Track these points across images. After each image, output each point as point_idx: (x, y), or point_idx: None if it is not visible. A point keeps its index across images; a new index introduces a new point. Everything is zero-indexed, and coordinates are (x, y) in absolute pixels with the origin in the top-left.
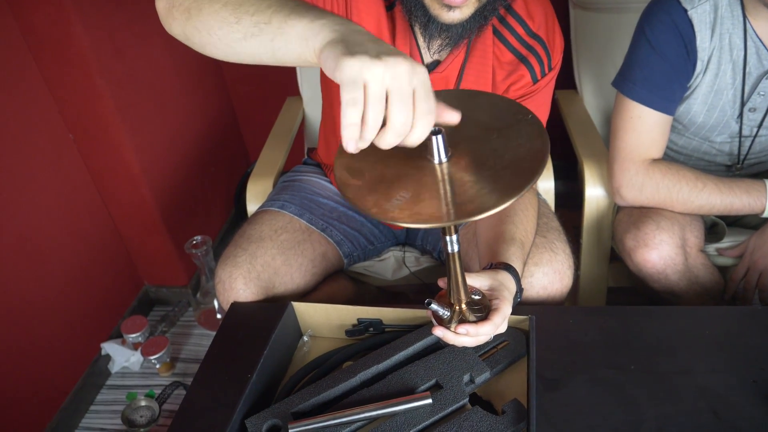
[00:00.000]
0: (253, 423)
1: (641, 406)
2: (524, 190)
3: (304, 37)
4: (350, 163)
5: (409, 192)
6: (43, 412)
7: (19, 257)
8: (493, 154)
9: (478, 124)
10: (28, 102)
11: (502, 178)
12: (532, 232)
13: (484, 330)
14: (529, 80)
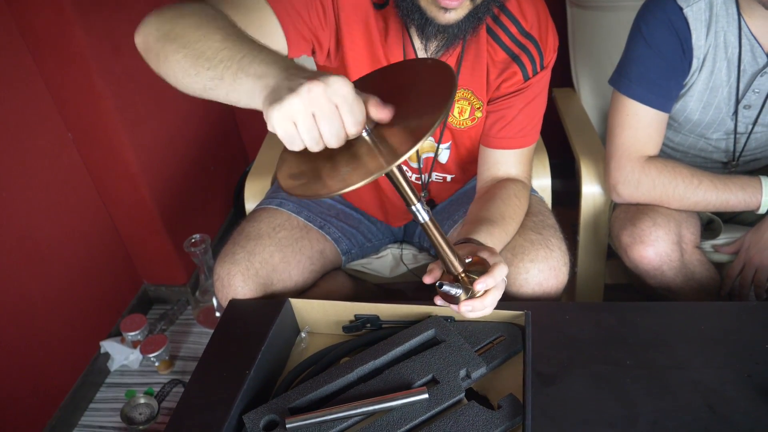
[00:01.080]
0: (250, 419)
1: (637, 400)
2: (447, 106)
3: (251, 95)
4: (290, 170)
5: (350, 165)
6: (43, 410)
7: (18, 256)
8: (410, 102)
9: (396, 86)
10: (28, 101)
11: (422, 110)
12: (510, 216)
13: (489, 293)
14: (521, 78)
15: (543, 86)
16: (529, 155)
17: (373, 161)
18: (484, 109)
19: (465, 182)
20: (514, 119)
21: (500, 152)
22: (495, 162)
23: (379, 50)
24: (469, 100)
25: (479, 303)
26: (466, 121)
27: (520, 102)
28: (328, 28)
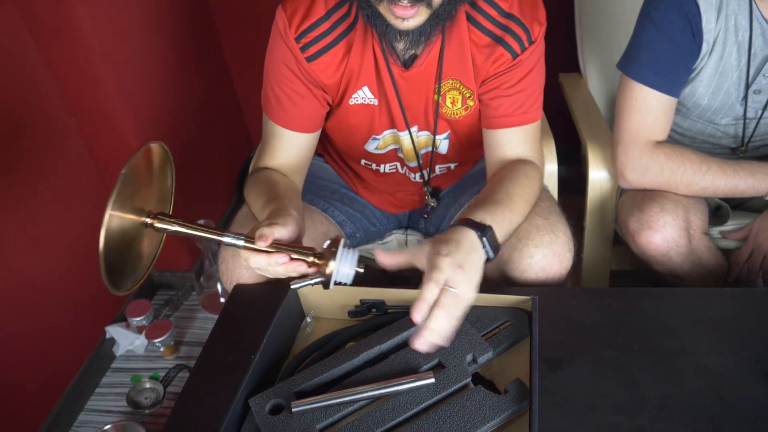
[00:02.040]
0: (256, 402)
1: (643, 385)
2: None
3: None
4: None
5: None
6: (50, 394)
7: (23, 241)
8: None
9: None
10: (30, 86)
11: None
12: (519, 195)
13: (433, 316)
14: (509, 57)
15: (536, 60)
16: (533, 134)
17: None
18: (475, 97)
19: (470, 166)
20: (511, 96)
21: (503, 132)
22: (500, 143)
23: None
24: (459, 90)
25: (427, 333)
26: (460, 111)
27: (513, 78)
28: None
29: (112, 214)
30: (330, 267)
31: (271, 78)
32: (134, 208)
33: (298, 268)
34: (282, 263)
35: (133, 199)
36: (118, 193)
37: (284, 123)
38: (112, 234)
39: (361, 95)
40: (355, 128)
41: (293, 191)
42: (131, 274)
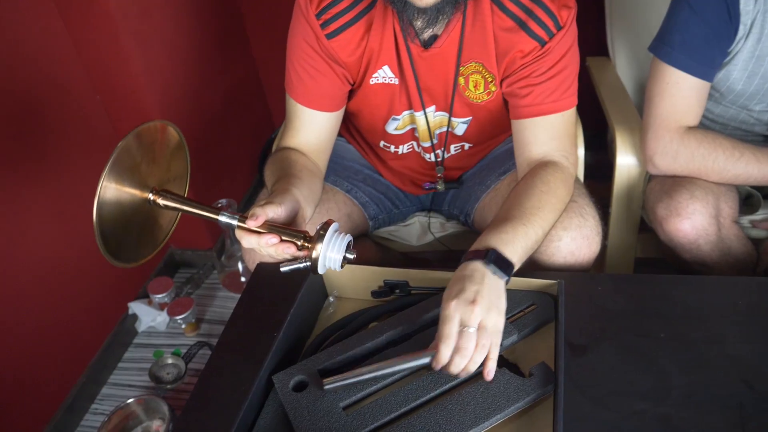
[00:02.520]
0: (279, 379)
1: (670, 373)
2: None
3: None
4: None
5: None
6: (74, 368)
7: (50, 217)
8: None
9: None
10: (56, 62)
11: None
12: (537, 207)
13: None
14: (536, 45)
15: (567, 45)
16: (564, 125)
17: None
18: (498, 82)
19: (485, 151)
20: (542, 84)
21: (530, 123)
22: (525, 140)
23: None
24: (481, 74)
25: (453, 367)
26: (482, 95)
27: (543, 66)
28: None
29: (107, 186)
30: (317, 251)
31: (293, 56)
32: (136, 182)
33: (288, 250)
34: (272, 244)
35: (133, 173)
36: (113, 163)
37: (305, 101)
38: (109, 206)
39: (382, 74)
40: (376, 108)
41: (308, 171)
42: (137, 248)
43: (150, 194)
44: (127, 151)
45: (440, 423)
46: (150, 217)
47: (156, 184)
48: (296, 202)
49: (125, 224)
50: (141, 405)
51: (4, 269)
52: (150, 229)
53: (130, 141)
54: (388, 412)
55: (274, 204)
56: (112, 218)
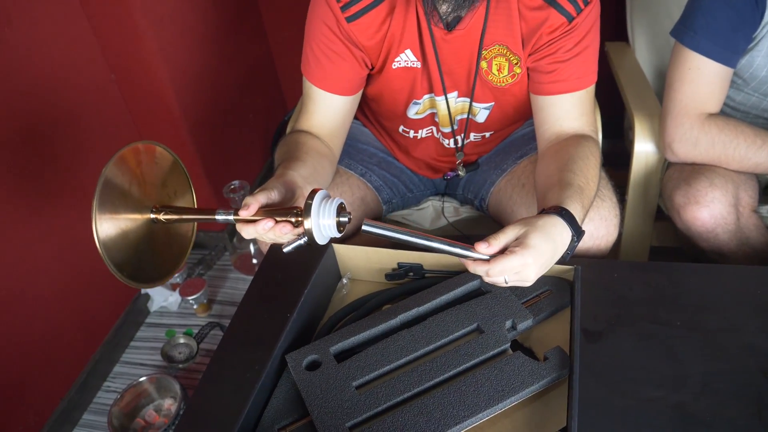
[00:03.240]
0: (293, 358)
1: (687, 361)
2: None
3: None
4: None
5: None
6: (88, 346)
7: (65, 194)
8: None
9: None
10: (72, 41)
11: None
12: (593, 180)
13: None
14: (564, 21)
15: (593, 21)
16: (589, 101)
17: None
18: (523, 64)
19: (504, 136)
20: (568, 61)
21: (558, 99)
22: (555, 114)
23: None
24: (505, 56)
25: (481, 266)
26: (506, 78)
27: (569, 43)
28: (357, 56)
29: (101, 219)
30: (308, 222)
31: (311, 38)
32: (132, 206)
33: (284, 229)
34: (268, 229)
35: (126, 198)
36: (100, 197)
37: (322, 84)
38: (113, 237)
39: (404, 58)
40: (397, 92)
41: (315, 152)
42: (165, 263)
43: (151, 214)
44: (112, 181)
45: (453, 404)
46: (166, 231)
47: (156, 202)
48: (292, 184)
49: (138, 249)
50: (153, 383)
51: (20, 249)
52: (169, 243)
53: (112, 169)
54: (402, 391)
55: (267, 190)
56: (120, 247)
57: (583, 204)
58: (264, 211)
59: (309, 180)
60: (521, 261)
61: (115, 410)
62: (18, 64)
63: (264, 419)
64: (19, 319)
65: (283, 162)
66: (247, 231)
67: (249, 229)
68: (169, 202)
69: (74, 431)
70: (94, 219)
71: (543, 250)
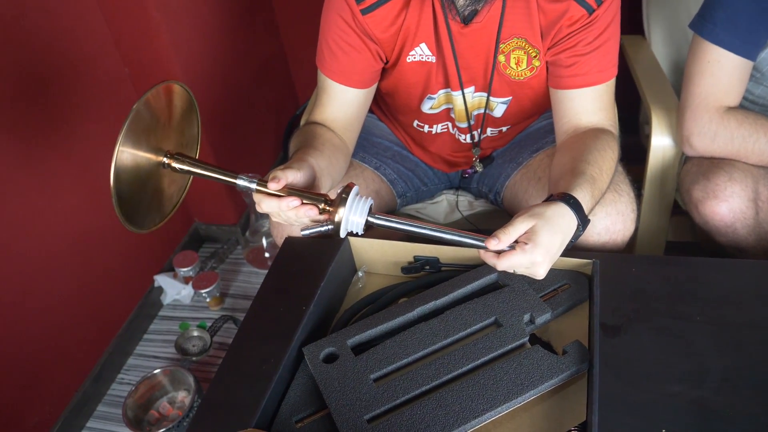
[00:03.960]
0: (310, 350)
1: (706, 356)
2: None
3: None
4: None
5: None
6: (102, 338)
7: (77, 190)
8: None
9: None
10: (86, 34)
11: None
12: (608, 173)
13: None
14: (584, 13)
15: (613, 13)
16: (608, 94)
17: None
18: (542, 57)
19: (520, 129)
20: (588, 55)
21: (577, 93)
22: (574, 108)
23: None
24: (524, 49)
25: (501, 263)
26: (525, 72)
27: (590, 36)
28: (372, 48)
29: (123, 150)
30: (339, 214)
31: (326, 30)
32: (151, 146)
33: (309, 212)
34: (293, 207)
35: (149, 137)
36: (128, 128)
37: (337, 77)
38: (126, 170)
39: (419, 52)
40: (412, 87)
41: (330, 145)
42: (152, 212)
43: (164, 158)
44: (141, 115)
45: (472, 397)
46: (162, 183)
47: (171, 148)
48: (312, 171)
49: (140, 188)
50: (167, 376)
51: (33, 241)
52: (161, 191)
53: (143, 105)
54: (419, 384)
55: (293, 168)
56: (129, 181)
57: (593, 194)
58: (287, 189)
59: (324, 172)
60: (530, 258)
61: (130, 402)
62: (33, 57)
63: (281, 411)
64: (35, 312)
65: (301, 149)
66: (269, 204)
67: (271, 203)
68: (181, 147)
69: (89, 423)
70: (117, 148)
71: (551, 245)
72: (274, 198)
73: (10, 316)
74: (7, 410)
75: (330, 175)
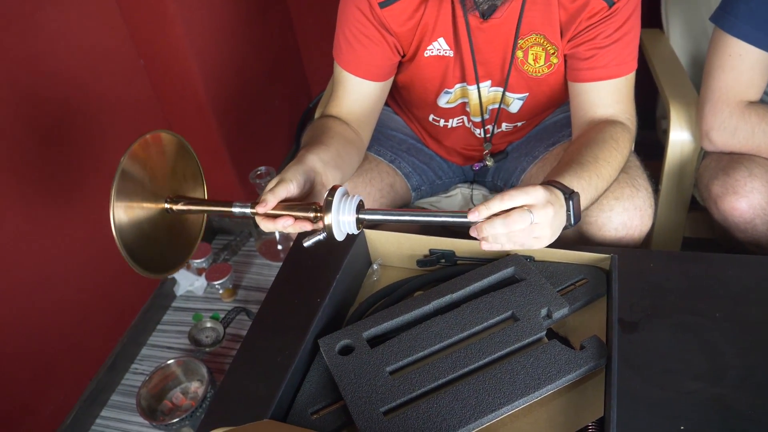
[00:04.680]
0: (325, 342)
1: (726, 354)
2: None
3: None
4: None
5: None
6: (115, 328)
7: (94, 178)
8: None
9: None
10: (102, 26)
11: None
12: (606, 160)
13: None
14: (604, 5)
15: (633, 6)
16: (627, 88)
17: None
18: (560, 54)
19: (535, 124)
20: (607, 47)
21: (595, 86)
22: (591, 101)
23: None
24: (542, 46)
25: (488, 227)
26: (542, 69)
27: (609, 28)
28: (390, 41)
29: (119, 207)
30: (327, 219)
31: (344, 22)
32: (148, 196)
33: (304, 227)
34: (288, 226)
35: (143, 188)
36: (118, 187)
37: (353, 69)
38: (131, 226)
39: (437, 47)
40: (428, 81)
41: (340, 137)
42: (177, 254)
43: (165, 203)
44: (128, 172)
45: (489, 391)
46: (177, 221)
47: (170, 192)
48: (310, 171)
49: (152, 238)
50: (180, 366)
51: (50, 233)
52: (179, 233)
53: (128, 161)
54: (436, 378)
55: (285, 181)
56: (136, 236)
57: (580, 175)
58: (282, 205)
59: (329, 164)
60: (509, 226)
61: (144, 392)
62: (49, 48)
63: (297, 403)
64: (50, 302)
65: (306, 145)
66: (266, 225)
67: (268, 225)
68: (183, 190)
69: (103, 412)
70: (112, 208)
71: (544, 190)
72: (270, 220)
73: (27, 307)
74: (23, 399)
75: (338, 167)
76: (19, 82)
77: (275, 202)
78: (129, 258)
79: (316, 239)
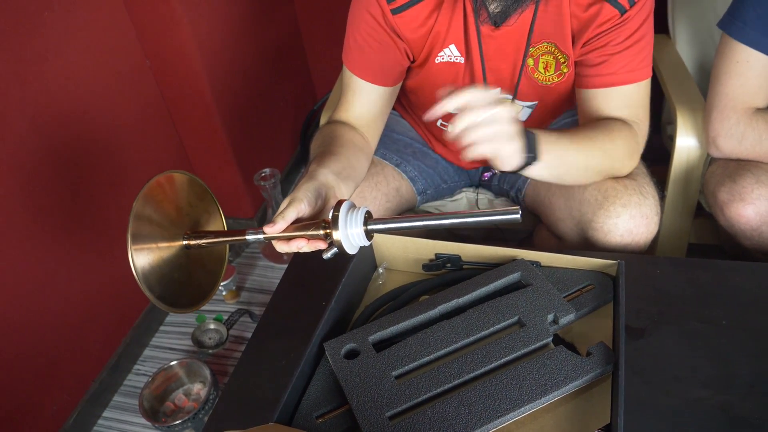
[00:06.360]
0: (331, 346)
1: (733, 361)
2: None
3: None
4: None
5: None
6: (119, 329)
7: (101, 179)
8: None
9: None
10: (108, 26)
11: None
12: (591, 138)
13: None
14: (616, 13)
15: (646, 14)
16: (637, 96)
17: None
18: (571, 63)
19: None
20: (618, 54)
21: (602, 93)
22: (596, 108)
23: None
24: (553, 54)
25: (459, 120)
26: (552, 77)
27: (620, 36)
28: (401, 47)
29: (136, 249)
30: (336, 235)
31: (354, 27)
32: (167, 236)
33: (319, 245)
34: (302, 247)
35: (161, 228)
36: (133, 229)
37: (363, 74)
38: (153, 270)
39: (448, 53)
40: (438, 87)
41: (351, 145)
42: (202, 287)
43: (183, 240)
44: (142, 215)
45: (495, 397)
46: (200, 255)
47: (188, 228)
48: (321, 187)
49: (175, 276)
50: (183, 367)
51: (56, 234)
52: (203, 265)
53: (141, 205)
54: (442, 383)
55: (296, 201)
56: (159, 276)
57: (557, 134)
58: (294, 226)
59: (341, 175)
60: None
61: (146, 393)
62: (55, 49)
63: (302, 406)
64: (53, 302)
65: (317, 157)
66: (281, 248)
67: (283, 247)
68: (200, 225)
69: (105, 413)
70: (130, 252)
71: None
72: (284, 242)
73: (31, 306)
74: (26, 398)
75: (350, 177)
76: (25, 82)
77: (285, 225)
78: (153, 297)
79: (332, 253)
